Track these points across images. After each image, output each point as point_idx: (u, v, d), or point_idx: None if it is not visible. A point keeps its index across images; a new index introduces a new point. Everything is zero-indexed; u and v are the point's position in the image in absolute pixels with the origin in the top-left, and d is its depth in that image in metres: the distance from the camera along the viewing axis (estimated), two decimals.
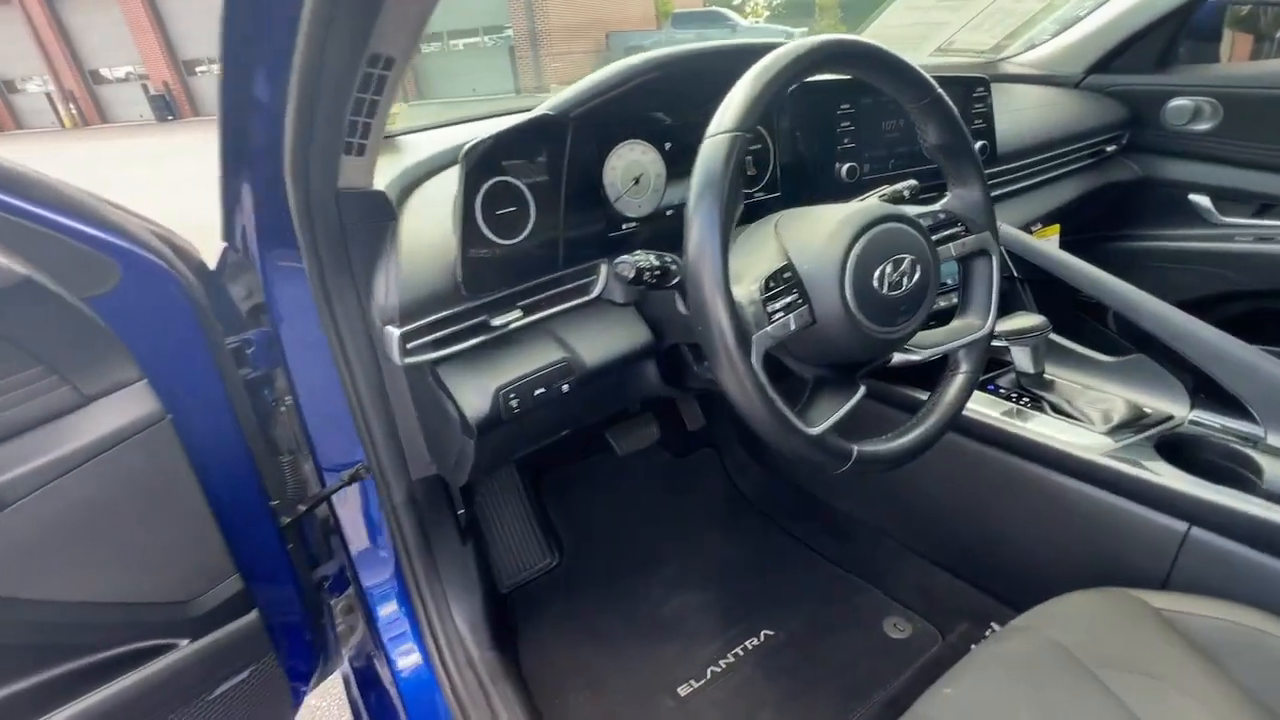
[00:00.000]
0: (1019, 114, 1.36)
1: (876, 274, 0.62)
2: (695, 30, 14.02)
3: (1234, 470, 0.87)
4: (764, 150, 0.92)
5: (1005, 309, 1.09)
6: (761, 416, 0.57)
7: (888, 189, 0.88)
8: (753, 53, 0.62)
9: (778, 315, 0.60)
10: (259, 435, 0.78)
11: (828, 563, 1.30)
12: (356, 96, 0.55)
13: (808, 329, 0.62)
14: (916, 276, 0.64)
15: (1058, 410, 1.01)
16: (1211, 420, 0.93)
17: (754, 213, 0.77)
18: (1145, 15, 1.44)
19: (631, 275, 0.65)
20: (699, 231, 0.55)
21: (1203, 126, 1.47)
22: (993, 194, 0.76)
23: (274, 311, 0.79)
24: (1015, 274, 1.14)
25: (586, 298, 0.81)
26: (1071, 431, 0.94)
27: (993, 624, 1.11)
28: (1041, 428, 0.95)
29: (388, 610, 0.92)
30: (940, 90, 0.68)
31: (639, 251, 0.67)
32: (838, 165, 1.01)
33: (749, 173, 0.92)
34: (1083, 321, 1.17)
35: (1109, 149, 1.53)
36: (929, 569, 1.19)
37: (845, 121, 1.00)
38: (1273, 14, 1.73)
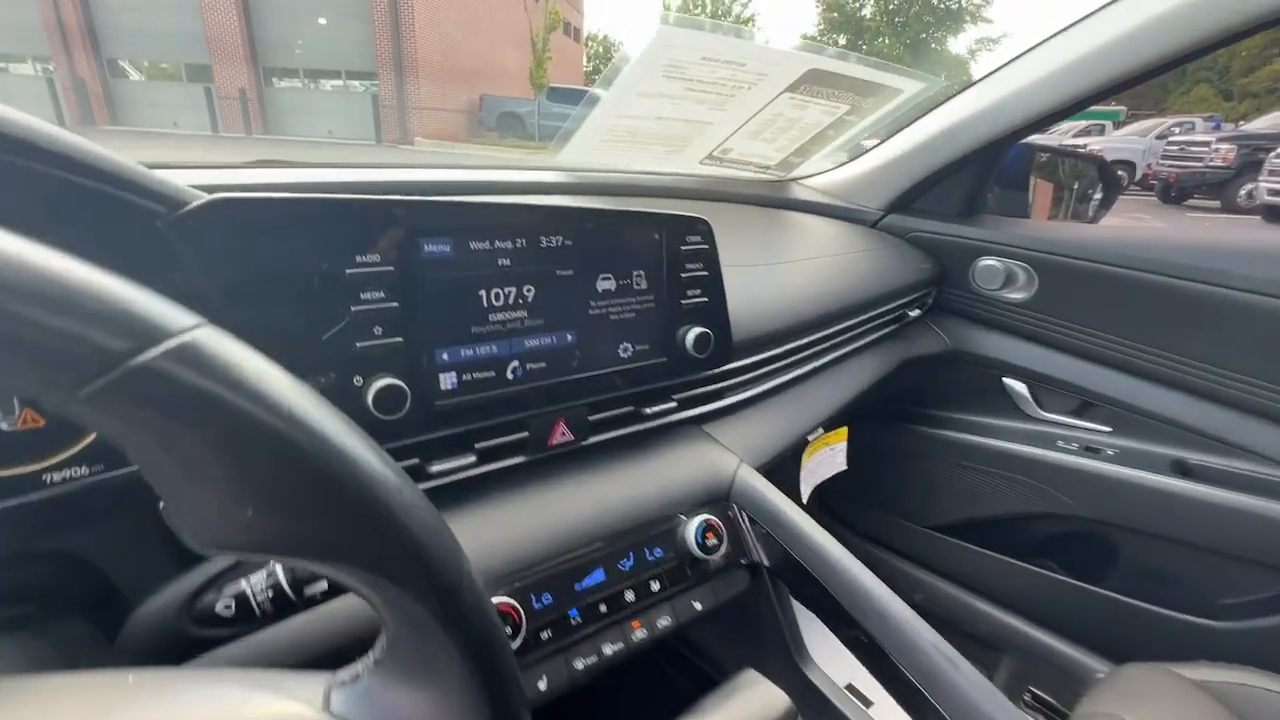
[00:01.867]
0: (803, 274, 0.93)
1: None
2: (566, 106, 14.17)
3: None
4: None
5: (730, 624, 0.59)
6: None
7: None
8: None
9: None
10: None
11: None
12: None
13: None
14: None
15: None
16: None
17: None
18: (949, 151, 1.11)
19: None
20: None
21: (1016, 296, 1.14)
22: (750, 393, 0.57)
23: None
24: (760, 560, 0.65)
25: None
26: None
27: None
28: None
29: None
30: None
31: None
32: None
33: None
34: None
35: (913, 312, 1.15)
36: None
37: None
38: (1070, 166, 1.54)
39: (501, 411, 0.55)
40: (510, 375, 0.54)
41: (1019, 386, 1.18)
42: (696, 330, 0.63)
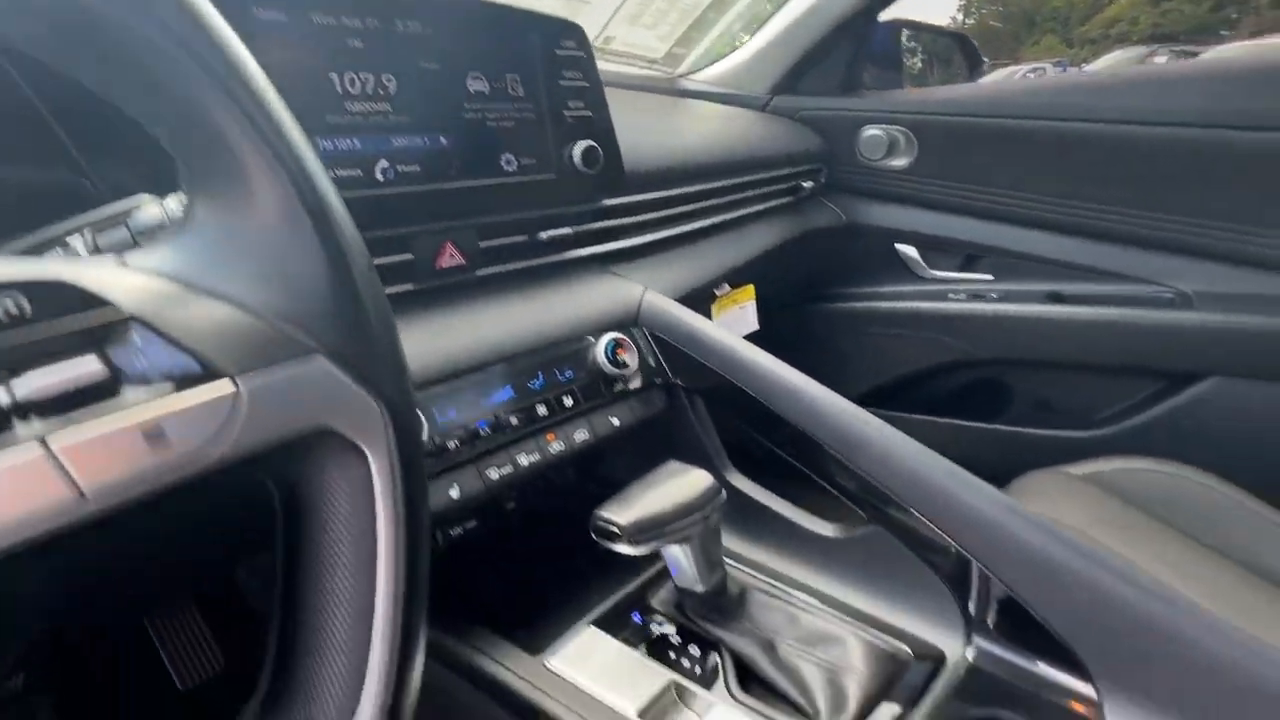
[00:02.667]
0: (694, 129, 0.92)
1: None
2: None
3: None
4: None
5: (653, 450, 0.58)
6: None
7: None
8: None
9: None
10: None
11: None
12: None
13: None
14: None
15: (748, 676, 0.49)
16: (1008, 661, 0.48)
17: None
18: (817, 28, 1.14)
19: None
20: None
21: (899, 162, 1.19)
22: (651, 237, 0.58)
23: None
24: (674, 379, 0.64)
25: None
26: None
27: None
28: None
29: None
30: None
31: None
32: None
33: None
34: (781, 465, 0.69)
35: (806, 184, 1.18)
36: None
37: None
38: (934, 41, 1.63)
39: (379, 223, 0.50)
40: (380, 176, 0.49)
41: (910, 250, 1.24)
42: (584, 144, 0.60)
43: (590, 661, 0.50)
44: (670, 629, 0.53)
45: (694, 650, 0.51)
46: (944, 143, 1.14)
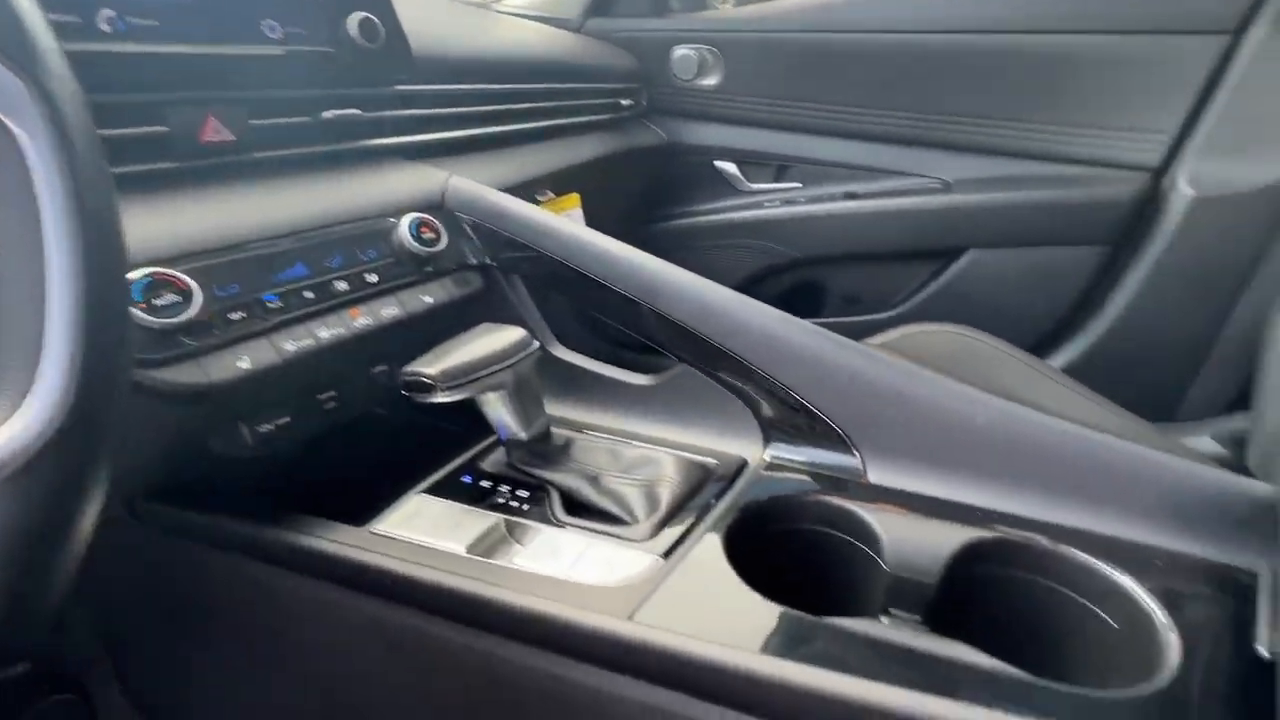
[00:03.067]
0: (507, 36, 0.90)
1: None
2: None
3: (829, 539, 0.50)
4: None
5: (459, 319, 0.58)
6: None
7: None
8: None
9: None
10: None
11: None
12: None
13: None
14: None
15: (573, 505, 0.52)
16: (795, 456, 0.55)
17: None
18: None
19: None
20: None
21: (710, 81, 1.26)
22: (463, 133, 0.60)
23: None
24: (488, 259, 0.64)
25: None
26: (615, 549, 0.45)
27: None
28: (552, 564, 0.45)
29: None
30: None
31: None
32: None
33: None
34: (596, 327, 0.73)
35: (625, 103, 1.21)
36: None
37: None
38: None
39: (117, 85, 0.45)
40: (106, 26, 0.44)
41: (729, 167, 1.32)
42: (359, 15, 0.58)
43: (419, 520, 0.50)
44: (503, 484, 0.54)
45: (522, 493, 0.53)
46: (749, 60, 1.22)
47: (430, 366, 0.48)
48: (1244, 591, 0.37)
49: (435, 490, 0.54)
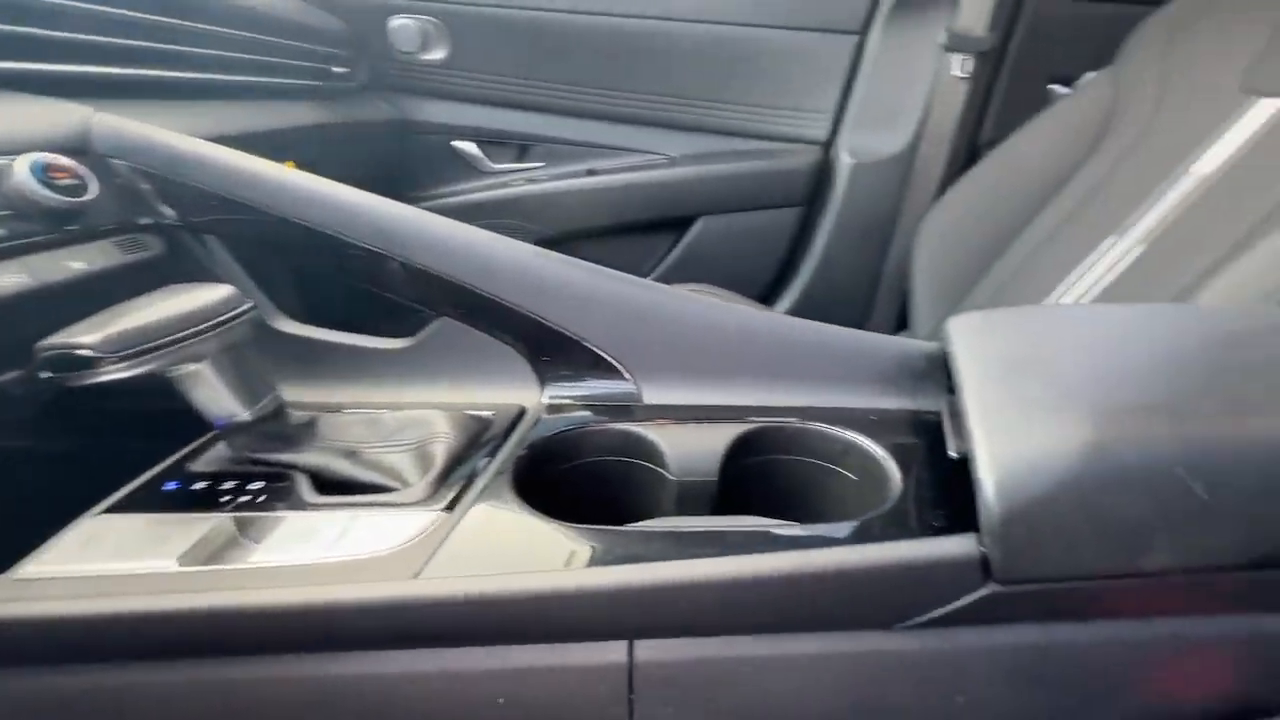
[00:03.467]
0: None
1: None
2: None
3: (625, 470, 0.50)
4: None
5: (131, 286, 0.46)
6: None
7: None
8: None
9: None
10: None
11: None
12: None
13: None
14: None
15: (327, 486, 0.44)
16: (573, 392, 0.54)
17: None
18: None
19: None
20: None
21: (436, 55, 1.20)
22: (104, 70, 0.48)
23: None
24: (165, 215, 0.51)
25: None
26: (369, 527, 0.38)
27: None
28: (305, 551, 0.37)
29: None
30: None
31: None
32: None
33: None
34: (324, 293, 0.64)
35: (337, 70, 1.09)
36: None
37: None
38: None
39: None
40: None
41: (470, 147, 1.27)
42: None
43: (99, 547, 0.37)
44: (226, 480, 0.43)
45: (255, 485, 0.43)
46: (479, 36, 1.19)
47: (88, 334, 0.36)
48: (935, 425, 0.46)
49: (121, 507, 0.41)
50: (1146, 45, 0.86)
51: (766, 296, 1.29)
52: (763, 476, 0.50)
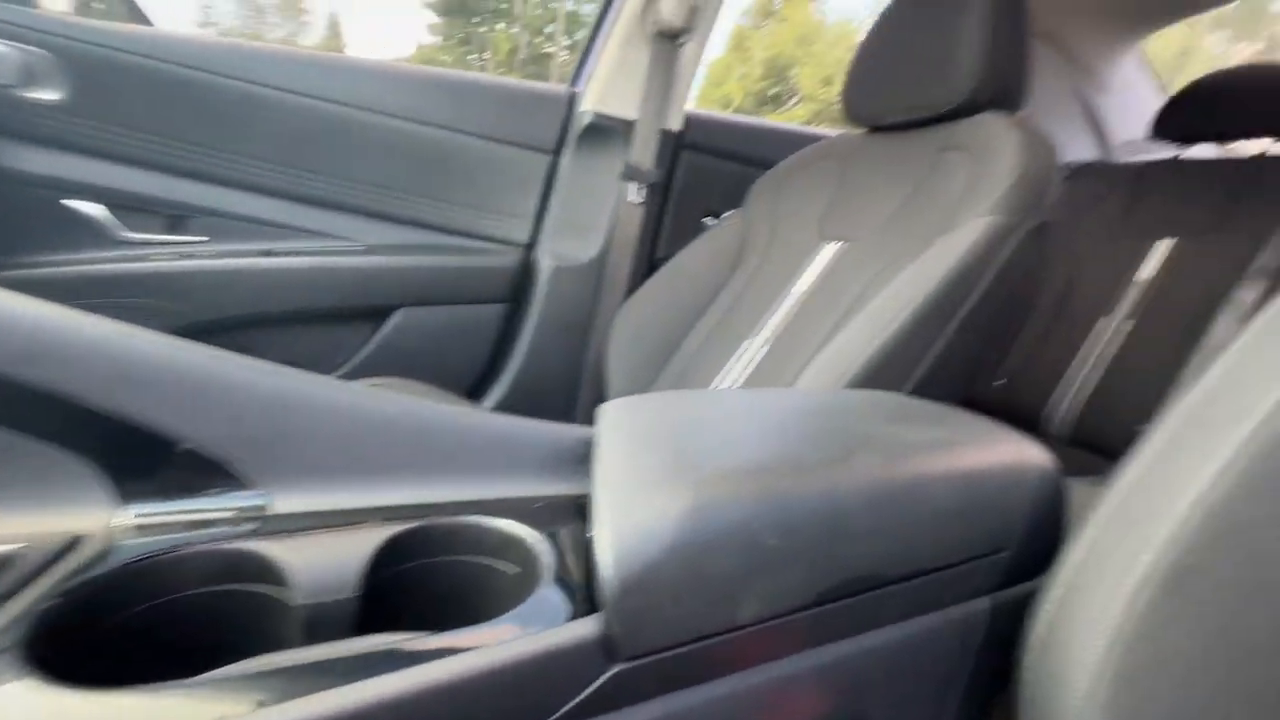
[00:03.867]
0: None
1: None
2: None
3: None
4: None
5: None
6: None
7: None
8: None
9: None
10: None
11: None
12: None
13: None
14: None
15: None
16: (170, 508, 0.43)
17: None
18: None
19: None
20: None
21: (49, 96, 0.97)
22: None
23: None
24: None
25: None
26: None
27: None
28: None
29: None
30: None
31: None
32: None
33: None
34: None
35: None
36: None
37: None
38: None
39: None
40: None
41: (94, 209, 1.03)
42: None
43: None
44: None
45: None
46: (113, 83, 1.00)
47: None
48: (585, 509, 0.47)
49: None
50: (760, 195, 1.11)
51: (474, 390, 1.27)
52: (419, 583, 0.44)
